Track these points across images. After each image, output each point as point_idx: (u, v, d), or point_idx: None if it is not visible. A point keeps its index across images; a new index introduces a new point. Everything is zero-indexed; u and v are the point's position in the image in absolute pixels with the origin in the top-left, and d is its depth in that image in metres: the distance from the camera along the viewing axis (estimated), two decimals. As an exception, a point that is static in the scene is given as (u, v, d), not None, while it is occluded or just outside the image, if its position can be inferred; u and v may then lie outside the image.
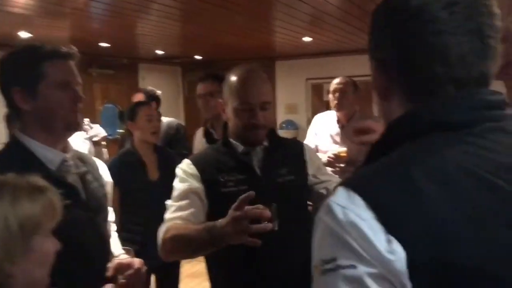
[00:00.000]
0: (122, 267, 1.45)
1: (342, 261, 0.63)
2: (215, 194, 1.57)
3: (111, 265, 1.46)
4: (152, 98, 3.70)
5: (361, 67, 6.38)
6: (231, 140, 1.67)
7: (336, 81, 3.37)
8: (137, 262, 1.47)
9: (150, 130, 2.79)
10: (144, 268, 1.48)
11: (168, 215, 1.56)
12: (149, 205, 2.71)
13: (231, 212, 1.29)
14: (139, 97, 3.73)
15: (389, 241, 0.61)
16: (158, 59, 6.94)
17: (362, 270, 0.61)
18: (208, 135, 2.91)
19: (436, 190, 0.64)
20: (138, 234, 2.69)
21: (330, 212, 0.66)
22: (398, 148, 0.71)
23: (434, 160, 0.67)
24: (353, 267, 0.62)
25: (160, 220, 2.81)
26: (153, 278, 2.97)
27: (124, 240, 2.03)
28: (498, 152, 0.69)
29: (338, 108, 3.26)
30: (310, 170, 1.72)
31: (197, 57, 6.86)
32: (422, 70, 0.73)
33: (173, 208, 1.56)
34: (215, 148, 1.71)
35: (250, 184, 1.58)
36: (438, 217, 0.62)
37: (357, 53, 6.22)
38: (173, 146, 3.35)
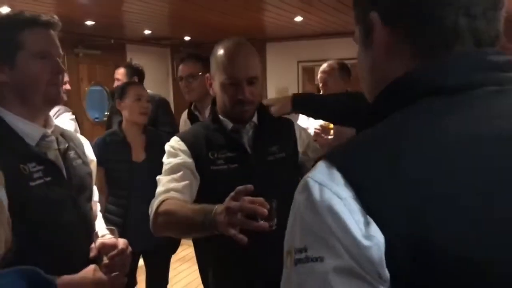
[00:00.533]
0: (106, 248, 1.40)
1: (312, 252, 0.58)
2: (204, 172, 1.53)
3: (94, 245, 1.41)
4: (135, 73, 3.57)
5: (353, 49, 6.38)
6: (220, 117, 1.62)
7: (321, 69, 3.35)
8: (121, 242, 1.43)
9: (139, 110, 2.71)
10: (129, 249, 1.44)
11: (160, 188, 1.50)
12: (132, 187, 2.67)
13: (227, 201, 1.23)
14: (121, 72, 3.60)
15: (367, 224, 0.55)
16: (146, 40, 6.82)
17: (328, 265, 0.56)
18: (192, 117, 2.84)
19: (426, 164, 0.57)
20: (119, 216, 2.63)
21: (306, 189, 0.60)
22: (389, 117, 0.64)
23: (426, 129, 0.60)
24: (321, 259, 0.57)
25: (144, 203, 2.74)
26: (141, 262, 2.93)
27: (105, 221, 2.00)
28: (500, 118, 0.61)
29: None
30: (300, 148, 1.69)
31: (186, 38, 6.76)
32: (441, 19, 0.64)
33: (166, 180, 1.50)
34: (204, 125, 1.66)
35: (240, 162, 1.54)
36: (425, 197, 0.56)
37: (350, 35, 6.12)
38: (156, 124, 3.19)
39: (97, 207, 1.70)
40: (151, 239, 2.64)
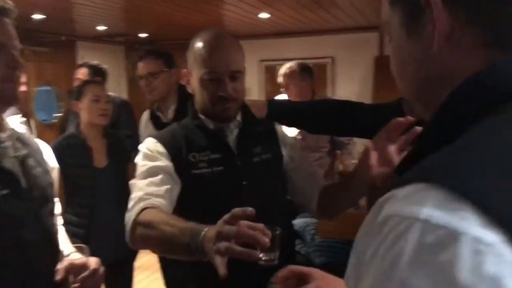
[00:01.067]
0: (74, 269, 1.25)
1: None
2: (185, 177, 1.39)
3: (60, 266, 1.25)
4: (98, 73, 3.41)
5: (315, 49, 6.40)
6: (201, 116, 1.49)
7: (281, 72, 3.38)
8: (93, 262, 1.27)
9: (97, 111, 2.56)
10: (102, 269, 1.28)
11: (137, 192, 1.33)
12: (94, 195, 2.53)
13: (219, 225, 1.02)
14: (82, 72, 3.43)
15: None
16: (99, 37, 6.53)
17: None
18: (154, 119, 2.71)
19: None
20: (82, 227, 2.48)
21: (444, 256, 0.38)
22: (484, 123, 0.49)
23: None
24: None
25: (108, 212, 2.61)
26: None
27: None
28: None
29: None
30: (284, 149, 1.58)
31: (142, 35, 6.53)
32: None
33: (143, 183, 1.34)
34: (182, 125, 1.52)
35: (225, 164, 1.42)
36: None
37: (313, 34, 6.18)
38: (116, 127, 3.08)
39: (59, 221, 1.53)
40: (117, 250, 2.54)
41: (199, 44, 1.43)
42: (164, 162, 1.39)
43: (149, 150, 1.42)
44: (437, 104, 0.57)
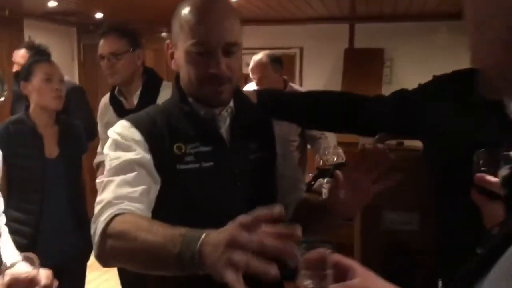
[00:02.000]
0: (19, 285, 1.02)
1: None
2: (168, 173, 1.17)
3: (1, 282, 1.03)
4: (38, 55, 3.12)
5: (283, 38, 6.25)
6: (190, 99, 1.26)
7: (251, 67, 3.34)
8: (44, 276, 1.06)
9: (51, 93, 2.32)
10: (56, 283, 1.06)
11: (107, 194, 1.09)
12: (44, 189, 2.31)
13: (232, 229, 0.78)
14: (21, 55, 3.17)
15: None
16: (49, 15, 6.13)
17: None
18: (116, 104, 2.47)
19: None
20: (28, 225, 2.28)
21: None
22: None
23: None
24: None
25: (59, 208, 2.37)
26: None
27: (9, 233, 1.64)
28: None
29: None
30: (279, 148, 1.38)
31: (98, 15, 6.17)
32: None
33: (115, 183, 1.10)
34: (164, 108, 1.28)
35: (216, 160, 1.20)
36: None
37: (281, 23, 6.05)
38: (66, 115, 2.82)
39: (1, 221, 1.29)
40: (68, 250, 2.34)
41: (186, 9, 1.20)
42: (140, 154, 1.15)
43: (122, 137, 1.18)
44: None
